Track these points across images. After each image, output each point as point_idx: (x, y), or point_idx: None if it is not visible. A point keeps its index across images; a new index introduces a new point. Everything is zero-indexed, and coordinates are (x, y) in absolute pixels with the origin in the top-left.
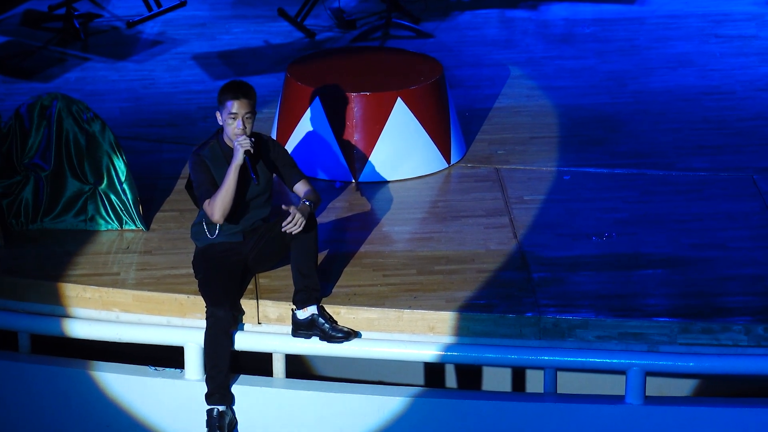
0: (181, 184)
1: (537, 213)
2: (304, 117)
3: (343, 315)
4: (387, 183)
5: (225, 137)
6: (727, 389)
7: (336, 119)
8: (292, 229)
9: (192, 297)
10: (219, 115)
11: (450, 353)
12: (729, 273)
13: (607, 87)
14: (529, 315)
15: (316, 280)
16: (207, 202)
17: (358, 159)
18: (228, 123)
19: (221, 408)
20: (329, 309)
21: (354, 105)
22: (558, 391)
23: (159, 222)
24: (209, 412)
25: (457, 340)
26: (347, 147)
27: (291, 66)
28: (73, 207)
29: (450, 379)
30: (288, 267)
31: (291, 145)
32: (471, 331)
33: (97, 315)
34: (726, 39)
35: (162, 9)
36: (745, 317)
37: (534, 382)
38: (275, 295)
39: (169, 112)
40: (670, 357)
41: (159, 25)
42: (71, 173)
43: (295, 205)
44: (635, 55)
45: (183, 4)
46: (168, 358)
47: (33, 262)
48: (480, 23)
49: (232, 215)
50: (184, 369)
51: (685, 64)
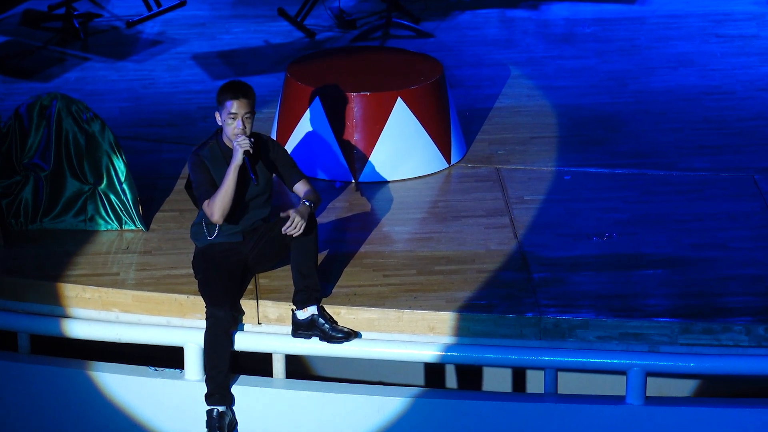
0: (181, 184)
1: (537, 213)
2: (304, 117)
3: (343, 315)
4: (387, 183)
5: (224, 137)
6: (728, 390)
7: (336, 119)
8: (292, 233)
9: (192, 297)
10: (218, 116)
11: (450, 353)
12: (730, 273)
13: (608, 87)
14: (530, 315)
15: (316, 280)
16: (206, 202)
17: (358, 159)
18: (227, 123)
19: (221, 408)
20: (329, 309)
21: (354, 105)
22: (558, 392)
23: (159, 222)
24: (209, 412)
25: (458, 340)
26: (347, 147)
27: (291, 66)
28: (73, 207)
29: (450, 380)
30: (288, 267)
31: (291, 145)
32: (471, 332)
33: (97, 315)
34: (727, 39)
35: (162, 9)
36: (746, 317)
37: (534, 382)
38: (275, 296)
39: (169, 112)
40: (670, 357)
41: (159, 25)
42: (71, 173)
43: (295, 206)
44: (636, 55)
45: (183, 3)
46: (168, 358)
47: (32, 262)
48: (480, 23)
49: (231, 215)
50: (183, 369)
51: (686, 63)
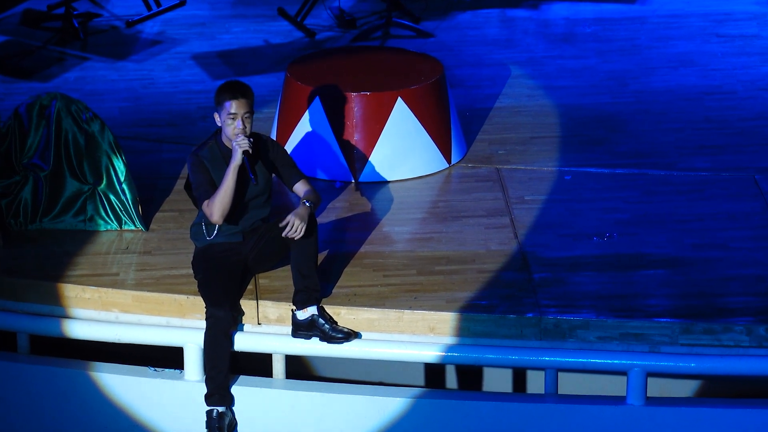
0: (181, 184)
1: (538, 213)
2: (304, 117)
3: (344, 315)
4: (387, 183)
5: (223, 138)
6: (729, 390)
7: (336, 119)
8: (293, 236)
9: (191, 297)
10: (217, 116)
11: (450, 354)
12: (730, 273)
13: (608, 87)
14: (530, 315)
15: (316, 280)
16: (206, 202)
17: (358, 159)
18: (227, 123)
19: (221, 409)
20: (329, 309)
21: (354, 105)
22: (559, 392)
23: (158, 222)
24: (209, 413)
25: (458, 340)
26: (347, 147)
27: (291, 66)
28: (72, 207)
29: (450, 380)
30: (288, 267)
31: (291, 145)
32: (471, 332)
33: (97, 315)
34: (727, 38)
35: (161, 8)
36: (747, 318)
37: (535, 382)
38: (275, 296)
39: (169, 111)
40: (671, 358)
41: (158, 25)
42: (70, 173)
43: (295, 205)
44: (636, 55)
45: (182, 3)
46: (167, 358)
47: (32, 262)
48: (480, 23)
49: (231, 216)
50: (183, 370)
51: (687, 63)
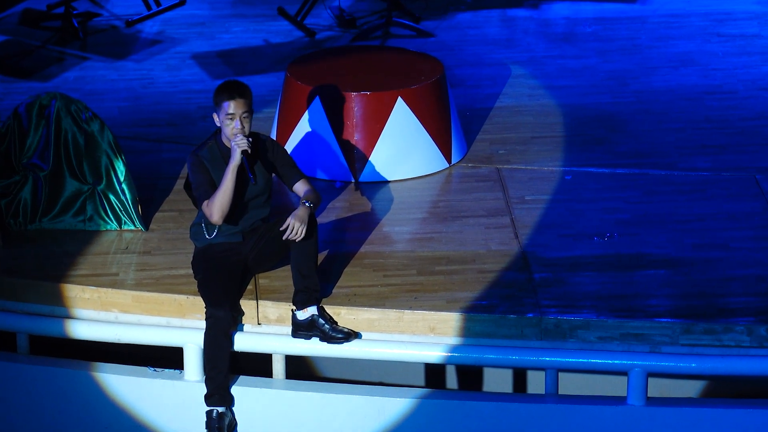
0: (180, 184)
1: (538, 213)
2: (304, 117)
3: (344, 316)
4: (387, 183)
5: (223, 137)
6: (730, 390)
7: (336, 119)
8: (294, 238)
9: (191, 297)
10: (216, 117)
11: (451, 354)
12: (731, 273)
13: (609, 86)
14: (531, 315)
15: (316, 280)
16: (206, 203)
17: (358, 159)
18: (225, 123)
19: (221, 409)
20: (329, 310)
21: (354, 104)
22: (559, 392)
23: (158, 222)
24: (209, 413)
25: (458, 340)
26: (347, 147)
27: (291, 65)
28: (72, 207)
29: (451, 380)
30: (288, 267)
31: (291, 145)
32: (472, 332)
33: (96, 316)
34: (728, 38)
35: (161, 8)
36: (748, 318)
37: (535, 383)
38: (275, 296)
39: (169, 111)
40: (672, 358)
41: (158, 24)
42: (70, 173)
43: (295, 205)
44: (637, 55)
45: (182, 3)
46: (167, 358)
47: (31, 262)
48: (481, 22)
49: (231, 216)
50: (183, 370)
51: (687, 63)
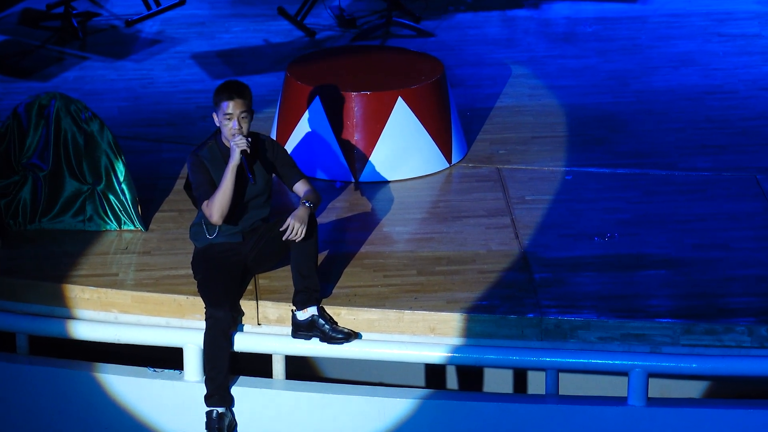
0: (180, 184)
1: (539, 213)
2: (304, 117)
3: (344, 316)
4: (387, 183)
5: (223, 137)
6: (731, 391)
7: (336, 119)
8: (294, 238)
9: (191, 298)
10: (215, 116)
11: (451, 354)
12: (732, 274)
13: (610, 86)
14: (531, 316)
15: (316, 280)
16: (205, 203)
17: (358, 159)
18: (224, 124)
19: (221, 410)
20: (329, 310)
21: (354, 104)
22: (560, 393)
23: (158, 222)
24: (209, 413)
25: (459, 341)
26: (347, 147)
27: (291, 65)
28: (72, 207)
29: (451, 381)
30: (288, 268)
31: (291, 145)
32: (472, 332)
33: (96, 316)
34: (729, 38)
35: (161, 8)
36: (749, 318)
37: (536, 383)
38: (275, 296)
39: (168, 111)
40: (672, 358)
41: (158, 24)
42: (69, 173)
43: (295, 205)
44: (637, 54)
45: (182, 2)
46: (167, 359)
47: (31, 262)
48: (481, 22)
49: (231, 216)
50: (183, 370)
51: (688, 63)
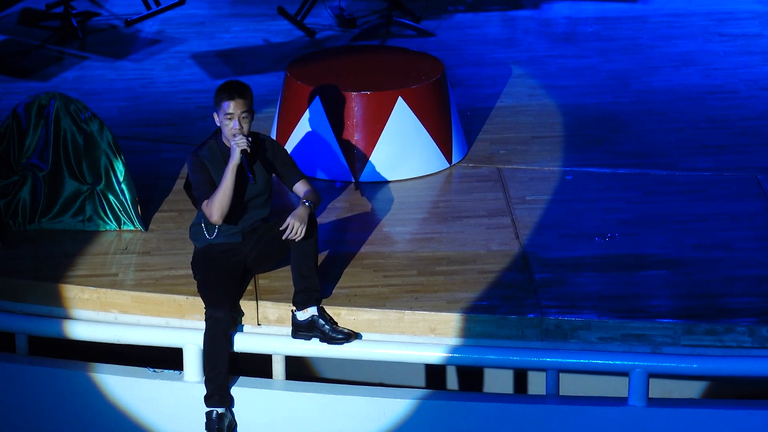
0: (180, 184)
1: (539, 213)
2: (304, 116)
3: (344, 316)
4: (388, 183)
5: (223, 137)
6: (731, 391)
7: (336, 119)
8: (294, 238)
9: (191, 298)
10: (216, 116)
11: (451, 355)
12: (733, 274)
13: (610, 86)
14: (531, 316)
15: (316, 281)
16: (205, 203)
17: (358, 159)
18: (224, 124)
19: (220, 410)
20: (329, 310)
21: (354, 104)
22: (560, 393)
23: (157, 222)
24: (208, 414)
25: (459, 341)
26: (347, 147)
27: (291, 65)
28: (71, 207)
29: (451, 381)
30: (288, 268)
31: (291, 145)
32: (472, 333)
33: (96, 316)
34: (730, 38)
35: (161, 7)
36: (749, 318)
37: (536, 383)
38: (275, 296)
39: (168, 111)
40: (673, 358)
41: (158, 24)
42: (69, 173)
43: (295, 206)
44: (638, 54)
45: (182, 2)
46: (167, 359)
47: (30, 262)
48: (481, 22)
49: (231, 216)
50: (182, 371)
51: (689, 63)
